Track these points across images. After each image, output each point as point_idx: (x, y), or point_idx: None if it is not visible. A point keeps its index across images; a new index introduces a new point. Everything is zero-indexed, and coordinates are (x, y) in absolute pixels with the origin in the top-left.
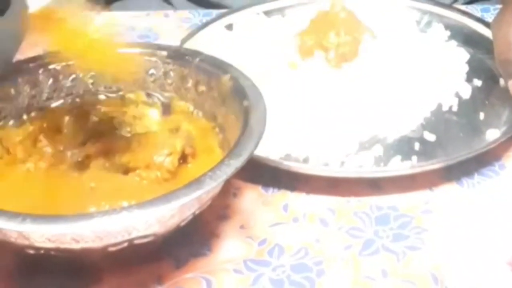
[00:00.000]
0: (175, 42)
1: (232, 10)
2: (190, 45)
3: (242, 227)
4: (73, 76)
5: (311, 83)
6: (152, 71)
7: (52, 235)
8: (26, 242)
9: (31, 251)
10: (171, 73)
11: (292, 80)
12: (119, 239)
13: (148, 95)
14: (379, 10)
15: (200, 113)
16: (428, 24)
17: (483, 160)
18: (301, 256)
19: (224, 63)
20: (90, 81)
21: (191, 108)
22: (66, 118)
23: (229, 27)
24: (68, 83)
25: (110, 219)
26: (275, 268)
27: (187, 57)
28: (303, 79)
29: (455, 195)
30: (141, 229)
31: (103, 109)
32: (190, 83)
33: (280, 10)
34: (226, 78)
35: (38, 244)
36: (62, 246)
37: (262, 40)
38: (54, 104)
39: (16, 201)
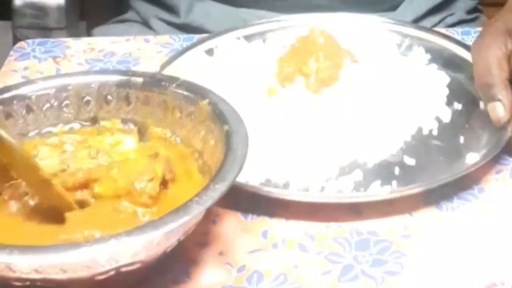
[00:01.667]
0: (155, 67)
1: (213, 34)
2: (170, 70)
3: (221, 253)
4: (47, 105)
5: (291, 108)
6: (127, 97)
7: (40, 265)
8: (12, 275)
9: (17, 284)
10: (147, 100)
11: (272, 106)
12: (107, 267)
13: (124, 121)
14: (360, 33)
15: (178, 139)
16: (409, 47)
17: (462, 184)
18: (280, 283)
19: (202, 88)
20: (65, 110)
21: (169, 134)
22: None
23: (210, 52)
24: (42, 112)
25: (99, 247)
26: None
27: (164, 83)
28: (283, 105)
29: (435, 219)
30: (129, 257)
31: (79, 138)
32: (167, 110)
33: (261, 35)
34: (204, 103)
35: (24, 275)
36: (49, 277)
37: (242, 66)
38: (30, 134)
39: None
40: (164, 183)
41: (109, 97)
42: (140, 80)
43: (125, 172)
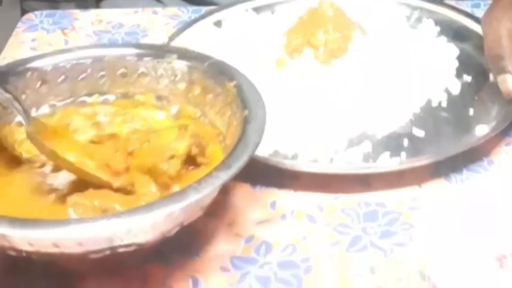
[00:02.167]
0: (163, 39)
1: (221, 6)
2: (178, 42)
3: (229, 224)
4: (84, 75)
5: (300, 80)
6: (161, 73)
7: (30, 238)
8: (6, 244)
9: (13, 253)
10: (180, 77)
11: (281, 77)
12: (100, 246)
13: (158, 98)
14: (369, 6)
15: (206, 120)
16: (418, 20)
17: (472, 156)
18: (288, 253)
19: (232, 69)
20: (101, 81)
21: (198, 114)
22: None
23: (218, 24)
24: (78, 82)
25: (87, 226)
26: (262, 265)
27: (196, 61)
28: (292, 76)
29: (444, 191)
30: (124, 239)
31: (112, 110)
32: (198, 89)
33: (270, 7)
34: (231, 85)
35: (19, 246)
36: (43, 250)
37: (251, 38)
38: (62, 103)
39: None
40: (191, 161)
41: (144, 71)
42: (174, 56)
43: (153, 148)
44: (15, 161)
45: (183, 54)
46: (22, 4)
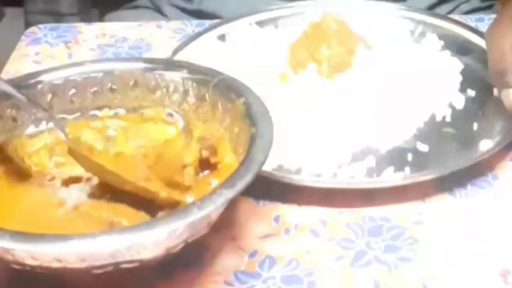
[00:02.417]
0: (167, 52)
1: (225, 20)
2: (182, 56)
3: (233, 238)
4: (95, 88)
5: (303, 94)
6: (171, 88)
7: (33, 252)
8: (10, 258)
9: (17, 267)
10: (190, 92)
11: (284, 92)
12: (103, 262)
13: (168, 113)
14: (373, 20)
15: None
16: (422, 34)
17: (476, 171)
18: (292, 268)
19: (241, 85)
20: (111, 95)
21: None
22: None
23: (222, 37)
24: (89, 95)
25: (89, 242)
26: (266, 280)
27: (206, 77)
28: (295, 91)
29: (448, 206)
30: (127, 255)
31: (123, 124)
32: (207, 105)
33: (273, 21)
34: (240, 101)
35: (22, 260)
36: (46, 264)
37: (255, 52)
38: (73, 116)
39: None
40: (206, 164)
41: (154, 85)
42: (184, 71)
43: (164, 161)
44: (24, 174)
45: (193, 69)
46: (26, 16)
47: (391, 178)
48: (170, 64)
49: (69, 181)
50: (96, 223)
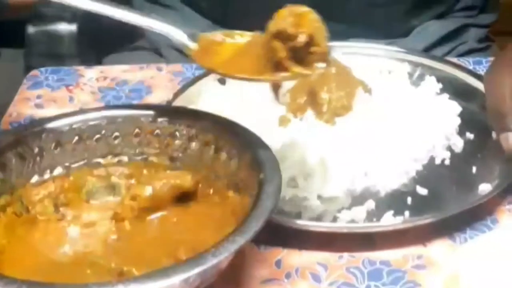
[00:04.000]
0: (168, 96)
1: None
2: (182, 99)
3: (236, 284)
4: (98, 136)
5: (303, 138)
6: (175, 134)
7: None
8: None
9: None
10: (194, 139)
11: (284, 136)
12: None
13: (171, 159)
14: (372, 63)
15: (220, 182)
16: (421, 76)
17: (475, 215)
18: None
19: (246, 131)
20: (115, 142)
21: (212, 176)
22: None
23: (222, 80)
24: (93, 143)
25: None
26: None
27: (210, 123)
28: (295, 135)
29: (448, 250)
30: None
31: (126, 171)
32: (211, 151)
33: None
34: (246, 147)
35: None
36: None
37: (254, 95)
38: (77, 164)
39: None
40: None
41: (158, 132)
42: (188, 117)
43: None
44: (31, 222)
45: (197, 115)
46: (27, 58)
47: (391, 222)
48: (173, 111)
49: (75, 228)
50: (105, 272)
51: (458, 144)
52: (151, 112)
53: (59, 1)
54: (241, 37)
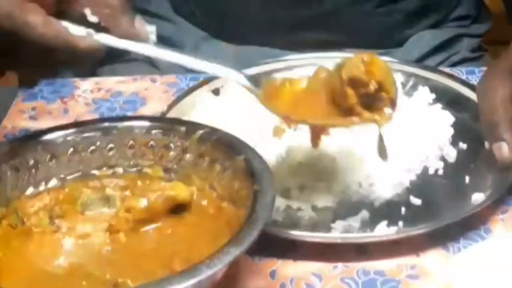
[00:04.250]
0: (162, 107)
1: None
2: (177, 110)
3: None
4: (92, 147)
5: (297, 149)
6: (169, 146)
7: None
8: None
9: None
10: (188, 150)
11: (278, 146)
12: None
13: (166, 170)
14: None
15: (215, 193)
16: (414, 87)
17: (468, 224)
18: None
19: (240, 142)
20: (110, 153)
21: (207, 187)
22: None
23: (216, 91)
24: (87, 155)
25: None
26: None
27: (205, 134)
28: (289, 145)
29: (441, 259)
30: None
31: (121, 183)
32: (206, 162)
33: (267, 74)
34: (240, 158)
35: None
36: None
37: (249, 105)
38: (71, 176)
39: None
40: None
41: (153, 143)
42: (183, 129)
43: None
44: (26, 234)
45: (192, 127)
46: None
47: (385, 232)
48: (168, 123)
49: (70, 239)
50: (100, 284)
51: (451, 154)
52: (145, 124)
53: (125, 48)
54: (301, 82)
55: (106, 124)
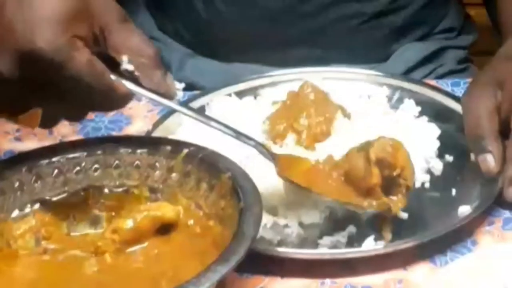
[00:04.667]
0: (147, 126)
1: (204, 91)
2: (162, 129)
3: None
4: (78, 168)
5: None
6: (155, 165)
7: None
8: None
9: None
10: (174, 169)
11: (264, 163)
12: None
13: (152, 190)
14: (351, 87)
15: (201, 212)
16: (400, 100)
17: (455, 237)
18: None
19: (226, 160)
20: (95, 174)
21: (193, 206)
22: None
23: (201, 109)
24: (72, 175)
25: None
26: None
27: (190, 153)
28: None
29: (429, 273)
30: None
31: (107, 203)
32: (192, 181)
33: (253, 91)
34: (226, 176)
35: None
36: None
37: (234, 123)
38: (57, 197)
39: None
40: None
41: (138, 163)
42: (168, 148)
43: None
44: (12, 257)
45: (177, 146)
46: None
47: (372, 247)
48: (153, 142)
49: (56, 261)
50: None
51: (438, 167)
52: (130, 143)
53: (153, 99)
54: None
55: (91, 144)
